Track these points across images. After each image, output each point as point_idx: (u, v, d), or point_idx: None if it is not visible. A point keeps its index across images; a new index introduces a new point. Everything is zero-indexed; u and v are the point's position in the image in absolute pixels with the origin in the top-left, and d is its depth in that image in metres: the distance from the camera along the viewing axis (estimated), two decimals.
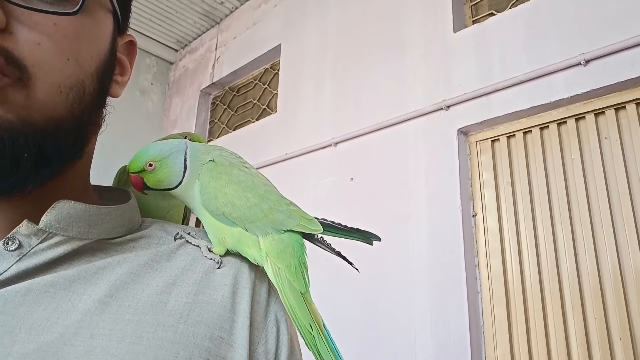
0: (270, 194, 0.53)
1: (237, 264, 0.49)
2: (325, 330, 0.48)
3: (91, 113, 0.43)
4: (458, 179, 2.11)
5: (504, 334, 1.88)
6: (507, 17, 2.16)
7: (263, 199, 0.51)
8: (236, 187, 0.51)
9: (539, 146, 1.99)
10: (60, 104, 0.38)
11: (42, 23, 0.37)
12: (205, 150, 0.54)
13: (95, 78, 0.42)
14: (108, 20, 0.44)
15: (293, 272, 0.49)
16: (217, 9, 4.00)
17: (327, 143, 2.72)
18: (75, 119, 0.40)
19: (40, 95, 0.37)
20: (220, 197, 0.51)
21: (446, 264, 2.03)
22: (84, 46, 0.40)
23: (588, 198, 1.81)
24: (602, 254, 1.73)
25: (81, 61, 0.40)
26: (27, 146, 0.37)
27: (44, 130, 0.38)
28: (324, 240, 0.56)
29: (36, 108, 0.37)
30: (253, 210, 0.51)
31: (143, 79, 4.36)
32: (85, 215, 0.44)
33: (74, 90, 0.39)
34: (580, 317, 1.72)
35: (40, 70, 0.37)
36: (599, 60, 1.81)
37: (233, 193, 0.51)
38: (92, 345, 0.38)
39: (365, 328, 2.20)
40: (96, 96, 0.43)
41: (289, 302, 0.48)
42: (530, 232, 1.92)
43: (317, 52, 3.07)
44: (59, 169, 0.41)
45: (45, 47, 0.37)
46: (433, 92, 2.31)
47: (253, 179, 0.53)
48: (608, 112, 1.83)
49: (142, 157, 0.52)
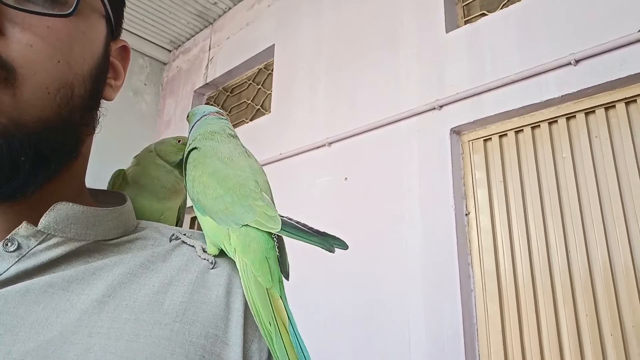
0: (240, 187, 0.52)
1: (231, 265, 0.50)
2: (292, 328, 0.46)
3: (83, 114, 0.43)
4: (451, 178, 2.13)
5: (497, 331, 1.90)
6: (499, 17, 2.18)
7: (229, 191, 0.51)
8: (208, 177, 0.52)
9: (530, 145, 2.01)
10: (48, 105, 0.39)
11: (36, 25, 0.38)
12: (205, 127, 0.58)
13: (86, 80, 0.42)
14: (101, 24, 0.45)
15: (257, 267, 0.48)
16: (210, 10, 3.99)
17: (322, 143, 2.73)
18: (63, 119, 0.40)
19: (27, 96, 0.37)
20: (196, 186, 0.52)
21: (440, 262, 2.05)
22: (76, 49, 0.41)
23: (579, 196, 1.83)
24: (593, 251, 1.75)
25: (72, 63, 0.40)
26: (23, 149, 0.37)
27: (35, 131, 0.38)
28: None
29: (24, 108, 0.37)
30: (217, 201, 0.51)
31: (136, 80, 4.35)
32: (83, 217, 0.45)
33: (62, 91, 0.40)
34: (572, 313, 1.74)
35: (29, 71, 0.37)
36: (588, 60, 1.83)
37: (205, 182, 0.52)
38: (91, 343, 0.38)
39: (359, 326, 2.21)
40: (87, 98, 0.43)
41: (252, 296, 0.47)
42: (523, 230, 1.94)
43: (311, 52, 3.08)
44: (56, 169, 0.42)
45: (36, 48, 0.38)
46: (426, 92, 2.33)
47: (228, 171, 0.53)
48: (598, 111, 1.85)
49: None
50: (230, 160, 0.54)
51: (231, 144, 0.58)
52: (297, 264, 0.71)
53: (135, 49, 4.32)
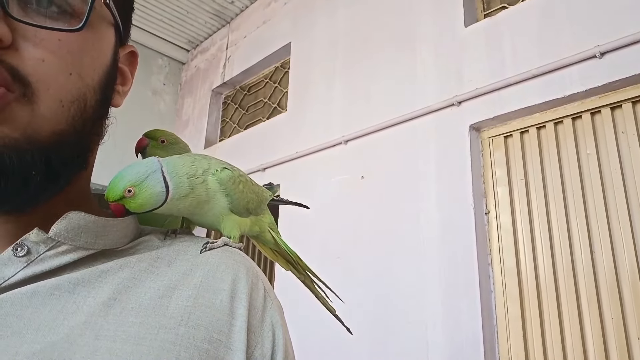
0: (254, 184, 0.67)
1: (235, 270, 0.51)
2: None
3: (93, 124, 0.44)
4: (470, 176, 2.08)
5: (518, 334, 1.85)
6: (520, 9, 2.12)
7: (256, 188, 0.66)
8: (248, 188, 0.63)
9: (553, 141, 1.95)
10: (62, 118, 0.39)
11: (47, 39, 0.38)
12: (181, 165, 0.56)
13: (97, 90, 0.43)
14: (110, 33, 0.46)
15: (275, 228, 0.69)
16: (227, 9, 4.01)
17: (338, 141, 2.71)
18: (77, 132, 0.41)
19: (44, 111, 0.38)
20: (244, 198, 0.61)
21: (458, 262, 2.01)
22: (87, 60, 0.41)
23: (604, 194, 1.76)
24: (619, 251, 1.69)
25: (84, 75, 0.41)
26: (35, 163, 0.38)
27: (48, 145, 0.39)
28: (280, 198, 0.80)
29: (40, 124, 0.38)
30: (259, 199, 0.66)
31: (155, 80, 4.40)
32: (94, 227, 0.46)
33: (76, 104, 0.40)
34: (596, 317, 1.68)
35: (44, 85, 0.38)
36: (614, 52, 1.77)
37: (249, 194, 0.63)
38: (97, 345, 0.39)
39: (377, 327, 2.18)
40: (98, 108, 0.44)
41: (285, 246, 0.69)
42: (545, 230, 1.88)
43: (327, 49, 3.05)
44: (66, 182, 0.43)
45: (49, 63, 0.38)
46: (444, 88, 2.28)
47: (246, 177, 0.64)
48: (625, 105, 1.78)
49: (118, 185, 0.51)
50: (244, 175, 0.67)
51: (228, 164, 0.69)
52: (314, 263, 0.73)
53: (155, 49, 4.37)
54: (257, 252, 3.23)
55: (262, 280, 0.53)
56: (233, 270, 0.50)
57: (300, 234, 2.68)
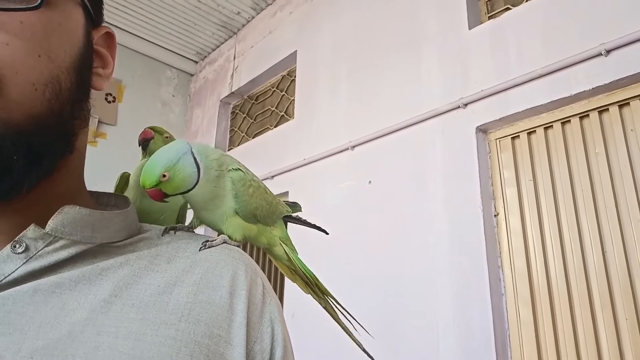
0: (269, 193, 0.65)
1: (234, 267, 0.51)
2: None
3: (73, 107, 0.43)
4: (478, 178, 2.06)
5: (530, 337, 1.81)
6: (524, 10, 2.11)
7: (270, 197, 0.65)
8: (259, 194, 0.62)
9: (560, 141, 1.93)
10: (37, 101, 0.39)
11: (8, 23, 0.37)
12: (211, 151, 0.58)
13: (71, 72, 0.42)
14: (77, 12, 0.45)
15: (290, 244, 0.67)
16: (234, 19, 4.05)
17: (345, 147, 2.71)
18: (54, 114, 0.40)
19: (15, 95, 0.37)
20: (253, 203, 0.60)
21: (468, 266, 1.98)
22: (54, 41, 0.41)
23: (614, 193, 1.73)
24: (631, 251, 1.65)
25: (53, 56, 0.40)
26: (15, 148, 0.37)
27: (26, 129, 0.38)
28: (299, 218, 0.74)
29: (14, 108, 0.37)
30: (270, 209, 0.64)
31: (165, 92, 4.45)
32: (90, 220, 0.46)
33: (49, 86, 0.40)
34: (610, 318, 1.64)
35: (12, 70, 0.37)
36: (621, 49, 1.74)
37: (259, 199, 0.62)
38: (99, 341, 0.39)
39: (386, 331, 2.16)
40: (75, 90, 0.43)
41: (299, 263, 0.66)
42: (555, 231, 1.85)
43: (332, 56, 3.07)
44: (51, 165, 0.42)
45: (13, 46, 0.37)
46: (449, 90, 2.28)
47: (259, 183, 0.63)
48: (633, 102, 1.75)
49: (154, 170, 0.53)
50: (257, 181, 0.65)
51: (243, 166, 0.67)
52: (322, 270, 0.72)
53: (164, 62, 4.42)
54: (268, 268, 3.23)
55: (260, 277, 0.53)
56: (232, 267, 0.51)
57: (307, 241, 2.67)
